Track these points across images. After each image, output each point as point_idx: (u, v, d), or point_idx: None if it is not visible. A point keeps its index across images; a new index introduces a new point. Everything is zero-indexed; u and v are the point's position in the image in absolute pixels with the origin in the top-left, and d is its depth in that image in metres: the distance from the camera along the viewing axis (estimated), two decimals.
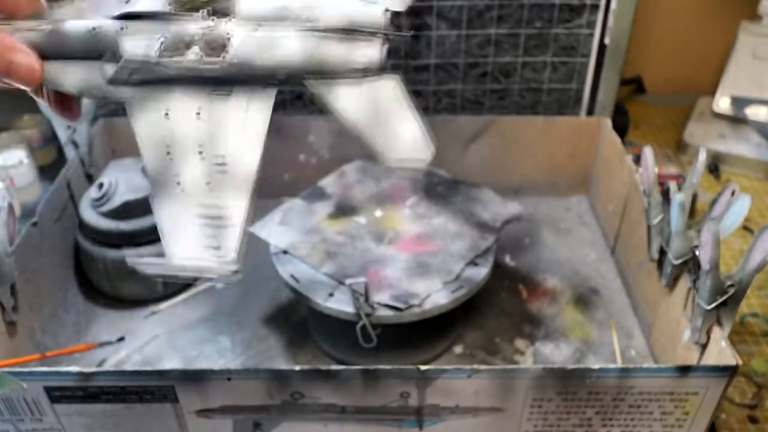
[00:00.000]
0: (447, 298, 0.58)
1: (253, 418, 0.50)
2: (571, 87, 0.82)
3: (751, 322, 0.69)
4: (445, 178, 0.73)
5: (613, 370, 0.47)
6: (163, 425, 0.50)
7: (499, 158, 0.84)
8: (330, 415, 0.50)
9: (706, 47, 1.07)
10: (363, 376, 0.47)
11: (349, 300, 0.57)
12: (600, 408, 0.49)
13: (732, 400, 0.61)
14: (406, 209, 0.68)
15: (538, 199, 0.86)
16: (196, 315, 0.69)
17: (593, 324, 0.67)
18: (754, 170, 0.92)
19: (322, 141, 0.82)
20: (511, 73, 0.81)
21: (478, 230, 0.65)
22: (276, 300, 0.70)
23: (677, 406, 0.49)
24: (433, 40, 0.78)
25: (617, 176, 0.74)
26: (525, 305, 0.70)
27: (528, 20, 0.77)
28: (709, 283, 0.49)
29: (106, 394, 0.48)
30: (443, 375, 0.47)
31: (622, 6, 0.75)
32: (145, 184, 0.67)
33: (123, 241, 0.67)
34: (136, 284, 0.69)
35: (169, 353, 0.64)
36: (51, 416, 0.50)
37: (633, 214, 0.69)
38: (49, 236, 0.65)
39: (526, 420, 0.50)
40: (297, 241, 0.63)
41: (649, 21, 1.04)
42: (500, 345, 0.65)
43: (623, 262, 0.73)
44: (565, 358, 0.64)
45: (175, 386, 0.47)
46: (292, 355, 0.64)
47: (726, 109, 0.96)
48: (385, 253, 0.62)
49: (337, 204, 0.69)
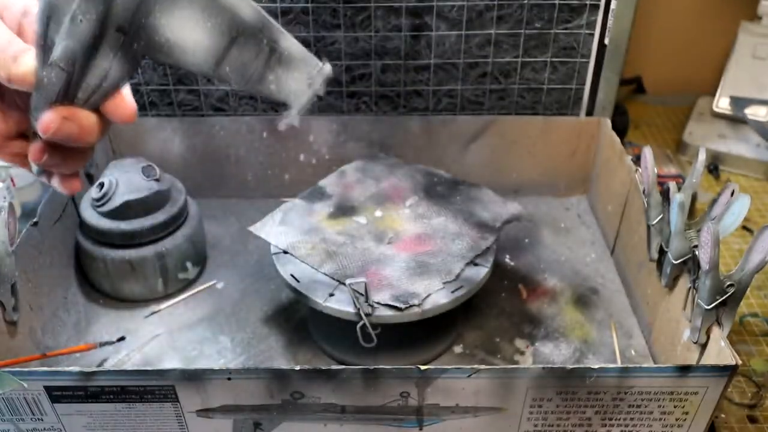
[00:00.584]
0: (447, 298, 0.58)
1: (253, 417, 0.50)
2: (571, 87, 0.82)
3: (750, 322, 0.69)
4: (445, 178, 0.73)
5: (613, 370, 0.47)
6: (163, 425, 0.51)
7: (499, 158, 0.84)
8: (330, 415, 0.50)
9: (706, 47, 1.07)
10: (363, 376, 0.47)
11: (349, 300, 0.57)
12: (600, 408, 0.49)
13: (731, 400, 0.61)
14: (406, 209, 0.68)
15: (537, 199, 0.86)
16: (196, 315, 0.69)
17: (593, 324, 0.68)
18: (753, 170, 0.92)
19: (322, 141, 0.82)
20: (511, 73, 0.81)
21: (478, 230, 0.65)
22: (276, 300, 0.70)
23: (677, 405, 0.49)
24: (433, 40, 0.78)
25: (617, 176, 0.74)
26: (525, 305, 0.70)
27: (528, 20, 0.77)
28: (709, 283, 0.49)
29: (107, 393, 0.48)
30: (443, 375, 0.47)
31: (622, 6, 0.75)
32: (145, 184, 0.67)
33: (123, 241, 0.67)
34: (136, 284, 0.69)
35: (169, 353, 0.64)
36: (51, 416, 0.50)
37: (633, 214, 0.69)
38: (49, 236, 0.65)
39: (526, 420, 0.50)
40: (297, 241, 0.63)
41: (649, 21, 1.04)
42: (500, 345, 0.65)
43: (623, 262, 0.73)
44: (565, 358, 0.64)
45: (175, 386, 0.48)
46: (292, 355, 0.64)
47: (726, 109, 0.96)
48: (385, 253, 0.62)
49: (337, 204, 0.69)
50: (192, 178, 0.80)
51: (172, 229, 0.69)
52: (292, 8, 0.76)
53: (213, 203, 0.83)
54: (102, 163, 0.78)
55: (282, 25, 0.40)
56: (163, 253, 0.68)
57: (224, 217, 0.82)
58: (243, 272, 0.74)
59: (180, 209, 0.70)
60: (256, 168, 0.84)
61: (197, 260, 0.72)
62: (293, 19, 0.76)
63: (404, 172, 0.73)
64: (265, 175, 0.84)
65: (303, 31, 0.77)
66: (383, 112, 0.83)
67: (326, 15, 0.76)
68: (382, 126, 0.82)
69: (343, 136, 0.82)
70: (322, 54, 0.79)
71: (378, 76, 0.81)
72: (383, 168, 0.74)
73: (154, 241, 0.68)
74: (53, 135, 0.37)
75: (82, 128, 0.38)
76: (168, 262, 0.69)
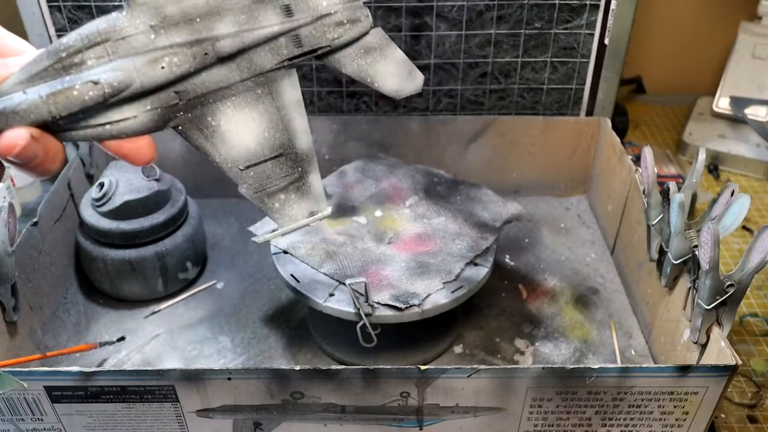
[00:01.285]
0: (447, 298, 0.58)
1: (253, 417, 0.50)
2: (571, 87, 0.82)
3: (750, 321, 0.69)
4: (445, 178, 0.73)
5: (613, 370, 0.47)
6: (163, 425, 0.51)
7: (499, 158, 0.84)
8: (330, 415, 0.50)
9: (705, 47, 1.07)
10: (363, 376, 0.47)
11: (349, 300, 0.57)
12: (600, 408, 0.49)
13: (731, 400, 0.61)
14: (406, 209, 0.68)
15: (537, 199, 0.86)
16: (196, 315, 0.69)
17: (593, 324, 0.68)
18: (753, 170, 0.92)
19: (322, 141, 0.82)
20: (511, 73, 0.81)
21: (478, 230, 0.65)
22: (276, 300, 0.70)
23: (677, 405, 0.49)
24: (433, 40, 0.78)
25: (617, 176, 0.74)
26: (525, 305, 0.70)
27: (528, 20, 0.77)
28: (709, 283, 0.49)
29: (107, 393, 0.48)
30: (443, 375, 0.47)
31: (622, 6, 0.75)
32: (145, 184, 0.67)
33: (123, 241, 0.67)
34: (136, 284, 0.69)
35: (169, 353, 0.64)
36: (51, 416, 0.50)
37: (633, 214, 0.69)
38: (49, 236, 0.65)
39: (526, 420, 0.50)
40: (297, 241, 0.63)
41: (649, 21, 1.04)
42: (500, 345, 0.65)
43: (623, 262, 0.73)
44: (565, 357, 0.64)
45: (175, 386, 0.48)
46: (292, 355, 0.64)
47: (726, 109, 0.96)
48: (385, 253, 0.62)
49: (337, 204, 0.69)
50: (192, 178, 0.80)
51: (172, 229, 0.69)
52: None
53: (213, 203, 0.83)
54: (102, 163, 0.79)
55: None
56: (163, 253, 0.68)
57: (224, 217, 0.82)
58: (243, 272, 0.74)
59: (180, 209, 0.70)
60: None
61: (197, 260, 0.72)
62: None
63: (404, 172, 0.73)
64: None
65: None
66: (383, 112, 0.83)
67: None
68: (382, 126, 0.82)
69: (343, 136, 0.82)
70: None
71: None
72: (383, 168, 0.74)
73: (154, 241, 0.68)
74: (16, 155, 0.33)
75: (47, 154, 0.34)
76: (168, 262, 0.69)
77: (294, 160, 0.41)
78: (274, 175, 0.40)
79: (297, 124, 0.40)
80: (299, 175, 0.41)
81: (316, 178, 0.42)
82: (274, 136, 0.40)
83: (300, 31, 0.39)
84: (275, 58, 0.38)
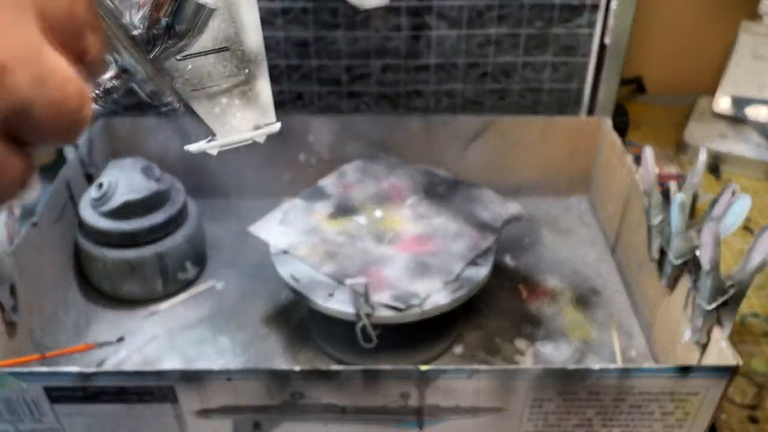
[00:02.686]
0: (447, 298, 0.58)
1: (253, 418, 0.50)
2: (571, 87, 0.82)
3: (751, 322, 0.69)
4: (445, 178, 0.73)
5: (614, 371, 0.47)
6: (163, 425, 0.50)
7: (499, 158, 0.84)
8: (330, 415, 0.49)
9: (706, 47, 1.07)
10: (363, 376, 0.47)
11: (349, 300, 0.57)
12: (600, 408, 0.49)
13: (732, 401, 0.61)
14: (406, 209, 0.68)
15: (538, 199, 0.85)
16: (196, 315, 0.69)
17: (593, 324, 0.67)
18: (754, 170, 0.92)
19: (322, 141, 0.82)
20: (511, 73, 0.81)
21: (478, 230, 0.65)
22: (276, 300, 0.70)
23: (677, 406, 0.49)
24: (433, 40, 0.78)
25: (617, 176, 0.74)
26: (525, 305, 0.70)
27: (528, 20, 0.77)
28: (710, 284, 0.49)
29: (106, 394, 0.48)
30: (443, 375, 0.47)
31: (622, 6, 0.75)
32: (145, 184, 0.67)
33: (123, 241, 0.67)
34: (136, 284, 0.69)
35: (169, 353, 0.64)
36: (51, 416, 0.50)
37: (633, 214, 0.69)
38: (49, 236, 0.65)
39: (526, 420, 0.50)
40: (297, 241, 0.63)
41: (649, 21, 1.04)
42: (500, 345, 0.65)
43: (623, 262, 0.73)
44: (565, 358, 0.64)
45: (175, 386, 0.47)
46: (292, 355, 0.64)
47: (726, 109, 0.96)
48: (385, 253, 0.62)
49: (337, 204, 0.69)
50: (192, 178, 0.80)
51: (172, 229, 0.69)
52: (292, 8, 0.76)
53: (213, 203, 0.83)
54: (102, 163, 0.78)
55: (282, 25, 0.39)
56: (162, 253, 0.68)
57: (224, 217, 0.82)
58: (243, 272, 0.74)
59: (180, 209, 0.69)
60: (256, 168, 0.83)
61: (197, 260, 0.72)
62: (293, 18, 0.76)
63: (404, 172, 0.73)
64: (265, 175, 0.84)
65: (303, 31, 0.77)
66: (383, 112, 0.83)
67: (326, 15, 0.76)
68: (382, 126, 0.82)
69: (343, 136, 0.82)
70: (323, 53, 0.80)
71: (378, 76, 0.81)
72: (383, 168, 0.74)
73: (154, 241, 0.68)
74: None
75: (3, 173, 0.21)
76: (168, 263, 0.69)
77: (240, 59, 0.37)
78: (216, 72, 0.37)
79: (247, 17, 0.36)
80: (245, 78, 0.37)
81: (265, 85, 0.38)
82: (219, 26, 0.36)
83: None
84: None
